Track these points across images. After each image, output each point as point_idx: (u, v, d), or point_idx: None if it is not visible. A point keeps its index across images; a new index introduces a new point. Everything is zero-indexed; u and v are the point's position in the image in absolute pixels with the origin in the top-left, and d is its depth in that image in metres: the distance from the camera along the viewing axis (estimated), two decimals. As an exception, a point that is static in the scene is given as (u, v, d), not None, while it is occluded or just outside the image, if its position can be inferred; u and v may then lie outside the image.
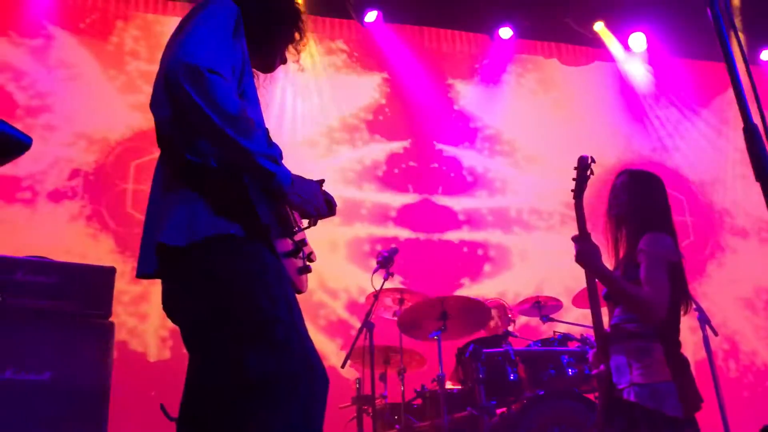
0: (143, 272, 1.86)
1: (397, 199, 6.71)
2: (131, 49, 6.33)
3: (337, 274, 6.26)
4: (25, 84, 5.91)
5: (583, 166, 3.00)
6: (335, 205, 2.15)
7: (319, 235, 6.13)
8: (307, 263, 2.13)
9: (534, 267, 6.75)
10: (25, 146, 1.09)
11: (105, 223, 5.72)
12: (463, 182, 6.97)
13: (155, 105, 1.92)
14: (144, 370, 5.23)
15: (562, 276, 6.25)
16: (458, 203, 6.86)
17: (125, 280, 5.24)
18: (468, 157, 7.07)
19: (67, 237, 5.57)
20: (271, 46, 2.15)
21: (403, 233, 6.59)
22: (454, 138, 7.10)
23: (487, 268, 6.70)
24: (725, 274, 7.07)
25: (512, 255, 6.81)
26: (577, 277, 3.11)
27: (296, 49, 2.24)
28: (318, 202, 1.94)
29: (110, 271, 3.69)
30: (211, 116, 1.70)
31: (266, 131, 1.96)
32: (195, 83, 1.69)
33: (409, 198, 6.75)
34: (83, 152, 5.89)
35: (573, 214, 2.98)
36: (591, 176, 3.00)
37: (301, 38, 2.23)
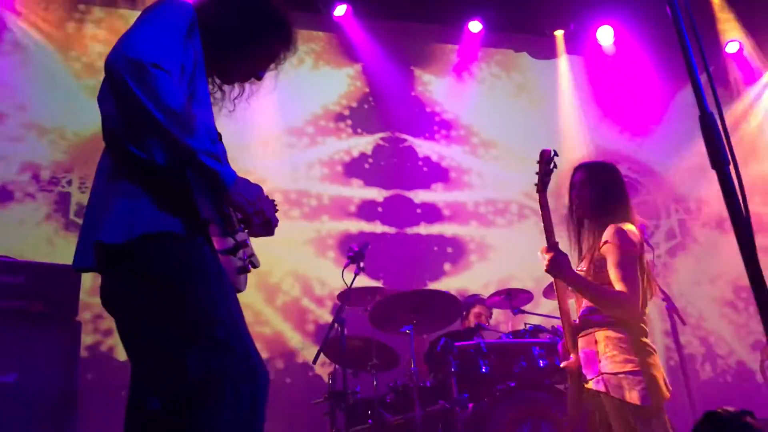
0: (81, 265, 1.84)
1: (367, 193, 6.70)
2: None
3: (308, 269, 6.24)
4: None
5: (546, 160, 3.01)
6: (275, 223, 2.12)
7: (290, 231, 6.14)
8: (248, 264, 2.12)
9: (504, 259, 6.79)
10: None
11: (71, 220, 5.64)
12: (434, 175, 6.98)
13: (101, 98, 1.92)
14: (114, 370, 5.17)
15: (532, 267, 6.29)
16: (428, 196, 6.87)
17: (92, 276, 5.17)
18: (437, 150, 7.08)
19: (32, 236, 5.48)
20: (229, 58, 2.11)
21: (375, 228, 6.58)
22: (424, 131, 7.11)
23: (458, 261, 6.72)
24: (696, 267, 7.18)
25: (484, 247, 6.83)
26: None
27: (275, 63, 2.22)
28: (260, 206, 1.94)
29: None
30: (153, 111, 1.69)
31: (213, 132, 1.96)
32: (137, 77, 1.69)
33: (380, 192, 6.75)
34: (42, 146, 5.80)
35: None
36: (554, 169, 3.01)
37: (279, 56, 2.20)
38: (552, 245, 2.94)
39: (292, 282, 6.14)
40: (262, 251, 2.24)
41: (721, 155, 1.29)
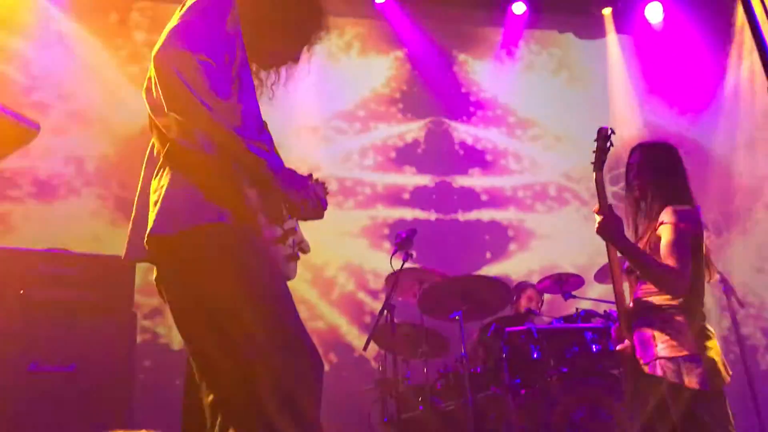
0: (134, 257, 1.88)
1: (413, 180, 6.68)
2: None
3: (356, 257, 6.26)
4: (36, 74, 5.91)
5: (603, 137, 2.95)
6: (325, 205, 2.13)
7: (338, 219, 6.17)
8: (297, 251, 2.12)
9: (556, 243, 6.70)
10: (33, 133, 1.08)
11: (126, 211, 5.74)
12: (481, 161, 6.92)
13: (148, 91, 1.93)
14: (168, 359, 5.27)
15: (584, 251, 6.21)
16: (476, 182, 6.82)
17: (145, 268, 5.26)
18: (484, 135, 7.01)
19: (87, 227, 5.60)
20: (266, 40, 2.11)
21: (421, 214, 6.56)
22: (469, 116, 7.04)
23: (510, 246, 6.66)
24: (757, 253, 6.95)
25: (534, 232, 6.76)
26: (598, 253, 3.06)
27: (310, 44, 2.21)
28: (307, 194, 1.93)
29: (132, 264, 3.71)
30: (200, 101, 1.71)
31: (260, 119, 1.96)
32: (186, 69, 1.70)
33: (427, 179, 6.72)
34: (100, 142, 5.90)
35: (595, 189, 2.94)
36: (611, 148, 2.95)
37: (313, 36, 2.20)
38: (604, 207, 2.87)
39: (346, 276, 6.17)
40: (315, 246, 2.24)
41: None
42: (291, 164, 1.97)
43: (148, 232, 1.78)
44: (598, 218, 2.87)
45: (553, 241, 6.73)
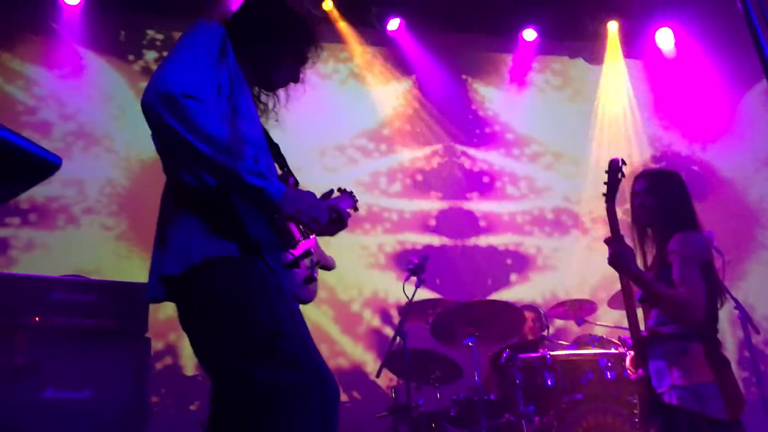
0: (153, 297, 1.91)
1: (425, 206, 6.69)
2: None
3: (370, 283, 6.26)
4: (53, 104, 6.00)
5: (615, 169, 2.96)
6: (347, 216, 2.18)
7: (351, 244, 6.18)
8: (314, 273, 2.15)
9: (567, 269, 6.68)
10: (54, 166, 1.10)
11: (138, 239, 5.78)
12: (491, 186, 6.93)
13: (153, 136, 1.96)
14: (183, 384, 5.27)
15: (596, 278, 6.18)
16: (487, 207, 6.82)
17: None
18: (495, 160, 7.02)
19: (101, 255, 5.65)
20: (265, 64, 2.16)
21: (434, 240, 6.56)
22: (481, 142, 7.07)
23: (517, 272, 6.64)
24: (762, 271, 6.90)
25: (544, 258, 6.74)
26: (611, 279, 3.06)
27: (307, 63, 2.25)
28: (316, 213, 1.94)
29: (145, 288, 3.73)
30: (191, 140, 1.73)
31: (263, 145, 2.00)
32: (171, 110, 1.73)
33: (438, 204, 6.73)
34: (114, 169, 5.96)
35: (603, 214, 2.95)
36: (622, 179, 2.96)
37: (309, 54, 2.23)
38: (615, 237, 2.88)
39: (371, 313, 6.19)
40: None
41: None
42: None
43: (160, 273, 1.83)
44: (609, 248, 2.88)
45: (569, 266, 6.70)
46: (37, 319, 3.41)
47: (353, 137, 6.74)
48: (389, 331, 5.84)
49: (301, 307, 1.99)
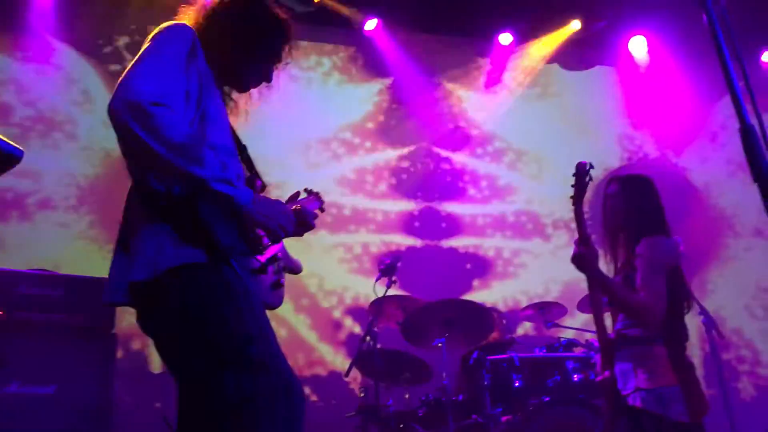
0: (111, 301, 1.88)
1: (398, 207, 6.70)
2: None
3: (340, 283, 6.25)
4: (24, 98, 5.89)
5: (582, 173, 2.99)
6: (314, 216, 2.20)
7: (323, 243, 6.16)
8: (281, 278, 2.16)
9: (538, 272, 6.73)
10: (15, 159, 1.09)
11: (108, 234, 5.71)
12: (464, 188, 6.96)
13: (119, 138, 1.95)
14: (148, 381, 5.22)
15: (566, 281, 6.24)
16: (460, 209, 6.85)
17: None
18: (469, 163, 7.06)
19: (70, 250, 5.57)
20: (238, 64, 2.13)
21: (406, 241, 6.57)
22: (455, 144, 7.09)
23: (488, 274, 6.67)
24: (730, 278, 7.03)
25: (515, 260, 6.79)
26: (580, 282, 3.09)
27: (281, 62, 2.23)
28: (283, 220, 1.95)
29: (113, 284, 3.69)
30: (157, 149, 1.72)
31: (231, 149, 2.00)
32: (137, 119, 1.71)
33: (411, 205, 6.74)
34: (84, 164, 5.88)
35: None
36: (590, 182, 2.99)
37: (283, 53, 2.21)
38: (582, 239, 2.92)
39: (323, 295, 6.17)
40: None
41: (762, 168, 1.27)
42: (273, 189, 2.00)
43: (126, 279, 1.82)
44: (574, 248, 2.92)
45: (538, 269, 6.76)
46: (1, 312, 3.36)
47: (326, 137, 6.73)
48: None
49: (281, 312, 2.00)
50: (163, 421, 2.73)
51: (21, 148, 1.09)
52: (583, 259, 2.89)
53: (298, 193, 2.41)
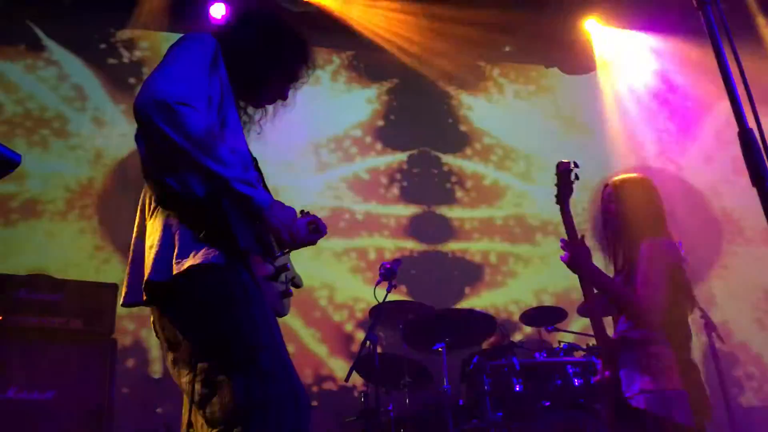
0: (133, 301, 1.90)
1: (399, 211, 6.69)
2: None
3: (341, 287, 6.24)
4: (23, 100, 5.89)
5: (562, 172, 2.98)
6: (324, 230, 2.18)
7: (325, 247, 6.14)
8: (290, 287, 2.16)
9: (538, 276, 6.72)
10: (14, 164, 1.09)
11: (108, 239, 5.70)
12: (465, 193, 6.95)
13: (138, 138, 1.97)
14: (149, 386, 5.21)
15: (567, 285, 6.23)
16: (461, 213, 6.84)
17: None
18: (470, 167, 7.05)
19: (70, 254, 5.56)
20: (256, 81, 2.17)
21: (407, 245, 6.56)
22: (457, 148, 7.09)
23: (490, 278, 6.66)
24: (730, 280, 7.00)
25: (517, 264, 6.77)
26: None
27: (298, 81, 2.27)
28: (294, 229, 1.95)
29: (112, 288, 3.70)
30: (183, 146, 1.75)
31: (247, 157, 2.02)
32: (165, 117, 1.74)
33: (412, 209, 6.73)
34: (86, 168, 5.88)
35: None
36: (576, 181, 2.97)
37: (300, 73, 2.25)
38: (572, 237, 2.90)
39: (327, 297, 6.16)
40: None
41: (761, 171, 1.26)
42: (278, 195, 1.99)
43: (146, 278, 1.81)
44: (566, 249, 2.91)
45: (540, 273, 6.74)
46: (0, 317, 3.36)
47: (327, 141, 6.73)
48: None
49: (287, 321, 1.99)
50: (164, 428, 2.72)
51: (18, 153, 1.09)
52: (577, 257, 2.87)
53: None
